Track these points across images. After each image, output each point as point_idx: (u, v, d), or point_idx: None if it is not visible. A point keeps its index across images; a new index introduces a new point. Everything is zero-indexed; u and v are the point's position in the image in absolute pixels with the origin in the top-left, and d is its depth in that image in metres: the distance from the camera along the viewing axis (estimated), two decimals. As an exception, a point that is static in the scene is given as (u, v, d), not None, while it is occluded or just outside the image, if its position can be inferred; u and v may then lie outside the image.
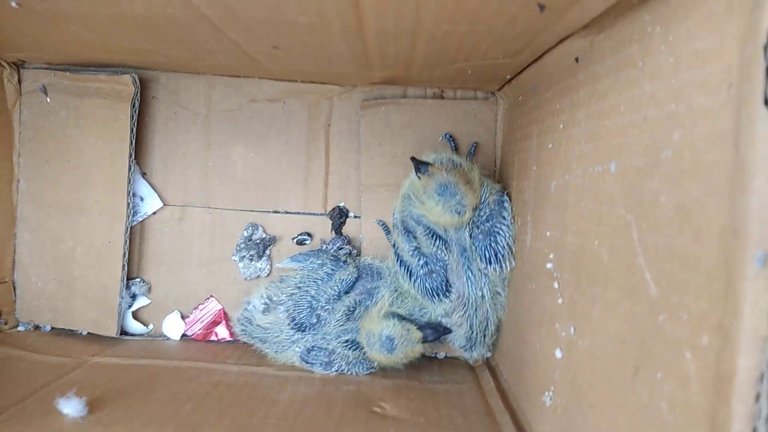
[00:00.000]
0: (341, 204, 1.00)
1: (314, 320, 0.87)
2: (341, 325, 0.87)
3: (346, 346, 0.87)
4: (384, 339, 0.82)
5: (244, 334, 0.92)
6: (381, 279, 0.90)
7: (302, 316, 0.87)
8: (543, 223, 0.67)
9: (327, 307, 0.87)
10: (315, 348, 0.87)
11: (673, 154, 0.39)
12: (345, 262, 0.91)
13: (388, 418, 0.73)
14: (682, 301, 0.37)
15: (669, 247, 0.39)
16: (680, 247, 0.37)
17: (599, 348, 0.49)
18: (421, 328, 0.84)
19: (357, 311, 0.88)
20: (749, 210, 0.31)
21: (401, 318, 0.85)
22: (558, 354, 0.58)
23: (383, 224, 0.97)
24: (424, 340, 0.84)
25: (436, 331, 0.85)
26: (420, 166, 0.84)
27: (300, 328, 0.87)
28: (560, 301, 0.59)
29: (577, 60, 0.60)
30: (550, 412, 0.60)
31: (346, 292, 0.89)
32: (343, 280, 0.89)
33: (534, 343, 0.68)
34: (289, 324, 0.87)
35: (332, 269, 0.90)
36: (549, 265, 0.63)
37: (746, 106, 0.31)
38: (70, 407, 0.66)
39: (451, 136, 0.95)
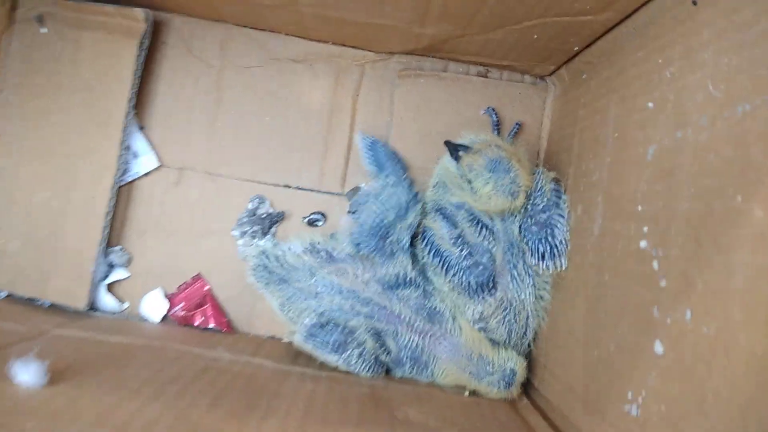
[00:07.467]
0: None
1: (381, 245, 0.77)
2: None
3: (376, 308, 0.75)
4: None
5: (259, 270, 0.79)
6: None
7: (369, 233, 0.77)
8: (628, 199, 0.56)
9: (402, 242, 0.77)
10: (330, 324, 0.74)
11: None
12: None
13: (414, 425, 0.60)
14: None
15: None
16: None
17: (741, 325, 0.38)
18: None
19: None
20: None
21: None
22: (658, 349, 0.47)
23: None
24: None
25: None
26: (457, 148, 0.73)
27: (360, 245, 0.77)
28: (663, 283, 0.48)
29: (695, 2, 0.51)
30: (637, 426, 0.48)
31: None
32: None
33: (606, 344, 0.56)
34: (353, 234, 0.77)
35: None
36: (643, 244, 0.52)
37: None
38: (28, 373, 0.51)
39: (494, 110, 0.85)
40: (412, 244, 0.79)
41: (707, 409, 0.40)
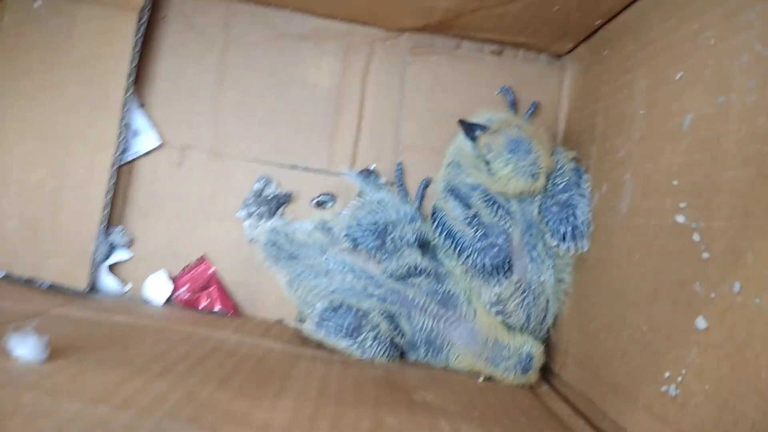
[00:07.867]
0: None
1: (380, 243, 0.73)
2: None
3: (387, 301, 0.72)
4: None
5: (269, 246, 0.77)
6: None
7: (366, 230, 0.74)
8: (662, 173, 0.54)
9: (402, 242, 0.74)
10: (344, 306, 0.71)
11: None
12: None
13: (434, 409, 0.57)
14: None
15: None
16: None
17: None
18: None
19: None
20: None
21: None
22: (701, 324, 0.44)
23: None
24: None
25: None
26: (473, 128, 0.70)
27: (356, 241, 0.73)
28: (706, 255, 0.45)
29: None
30: (675, 406, 0.46)
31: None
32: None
33: (637, 324, 0.54)
34: (349, 229, 0.74)
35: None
36: (680, 218, 0.49)
37: None
38: (26, 347, 0.48)
39: (510, 89, 0.82)
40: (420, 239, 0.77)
41: (763, 388, 0.37)
